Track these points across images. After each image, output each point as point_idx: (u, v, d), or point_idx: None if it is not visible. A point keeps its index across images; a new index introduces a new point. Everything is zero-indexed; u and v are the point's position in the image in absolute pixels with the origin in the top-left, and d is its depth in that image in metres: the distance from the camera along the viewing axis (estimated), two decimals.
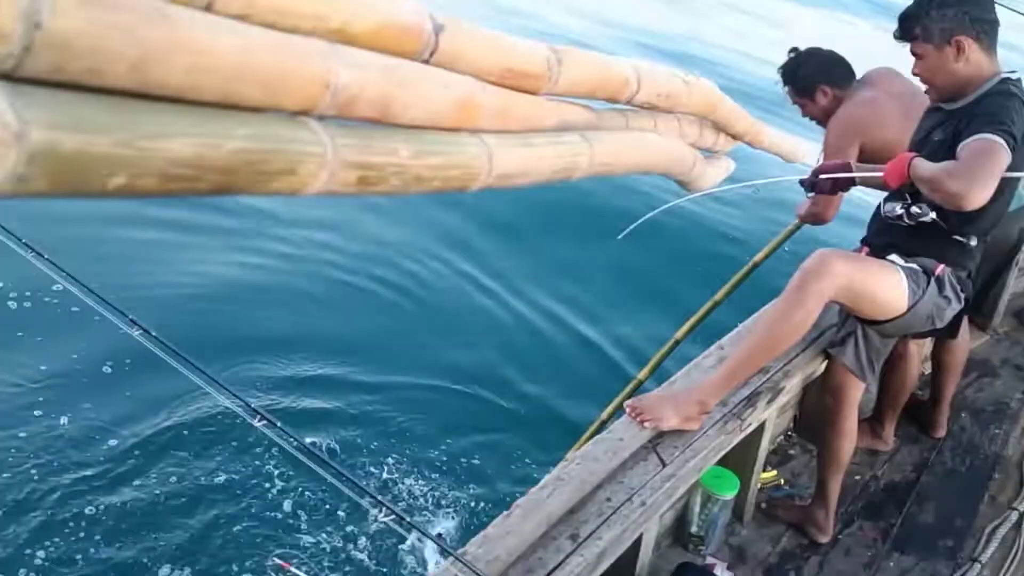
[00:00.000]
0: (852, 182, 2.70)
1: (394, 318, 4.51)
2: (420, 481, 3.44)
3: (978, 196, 2.16)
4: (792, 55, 3.30)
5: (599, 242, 5.56)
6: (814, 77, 3.18)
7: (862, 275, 2.42)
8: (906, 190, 2.47)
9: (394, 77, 0.65)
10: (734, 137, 1.73)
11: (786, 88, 3.33)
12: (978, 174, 2.17)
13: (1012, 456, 3.47)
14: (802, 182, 2.79)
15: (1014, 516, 3.11)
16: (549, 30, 10.14)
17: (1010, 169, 2.29)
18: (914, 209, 2.45)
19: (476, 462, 3.63)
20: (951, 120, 2.48)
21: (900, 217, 2.49)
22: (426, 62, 0.74)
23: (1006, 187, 2.45)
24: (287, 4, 0.57)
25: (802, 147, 2.09)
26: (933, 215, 2.44)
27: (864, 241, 2.79)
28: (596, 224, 5.84)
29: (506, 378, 4.24)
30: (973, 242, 2.53)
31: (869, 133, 3.15)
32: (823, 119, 3.24)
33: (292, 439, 1.69)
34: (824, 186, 2.71)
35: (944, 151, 2.42)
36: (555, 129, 0.94)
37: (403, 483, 3.40)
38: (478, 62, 0.81)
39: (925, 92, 2.60)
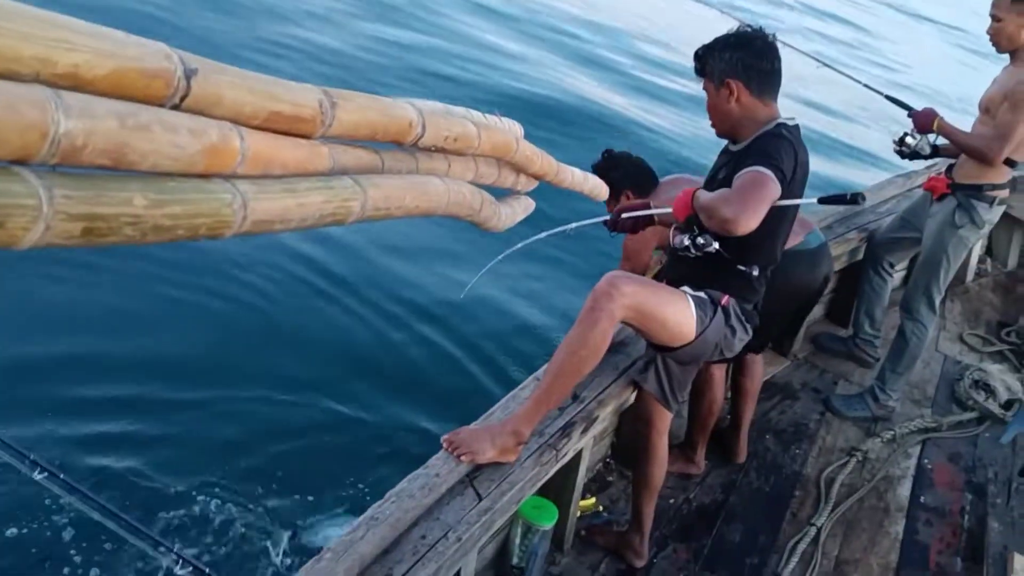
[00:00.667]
0: (651, 220, 2.86)
1: (202, 331, 4.31)
2: (231, 520, 3.30)
3: (748, 221, 2.33)
4: (604, 156, 3.46)
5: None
6: (621, 183, 3.35)
7: (650, 298, 2.54)
8: (692, 222, 2.63)
9: (131, 125, 0.63)
10: (534, 177, 1.78)
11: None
12: (748, 201, 2.36)
13: (811, 474, 3.71)
14: (606, 223, 2.94)
15: (812, 531, 3.33)
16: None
17: (784, 208, 2.51)
18: (699, 240, 2.61)
19: (297, 493, 3.53)
20: (732, 159, 2.68)
21: (687, 248, 2.64)
22: (176, 107, 0.72)
23: (782, 219, 2.65)
24: (1, 47, 0.54)
25: (603, 187, 2.18)
26: (716, 245, 2.60)
27: (659, 275, 2.95)
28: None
29: (344, 400, 4.16)
30: (755, 272, 2.70)
31: (663, 236, 3.35)
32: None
33: (77, 491, 1.59)
34: (626, 225, 2.89)
35: (726, 187, 2.62)
36: (328, 173, 0.94)
37: (213, 522, 3.25)
38: (238, 107, 0.80)
39: (711, 126, 2.79)
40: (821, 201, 2.59)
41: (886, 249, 4.39)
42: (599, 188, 2.19)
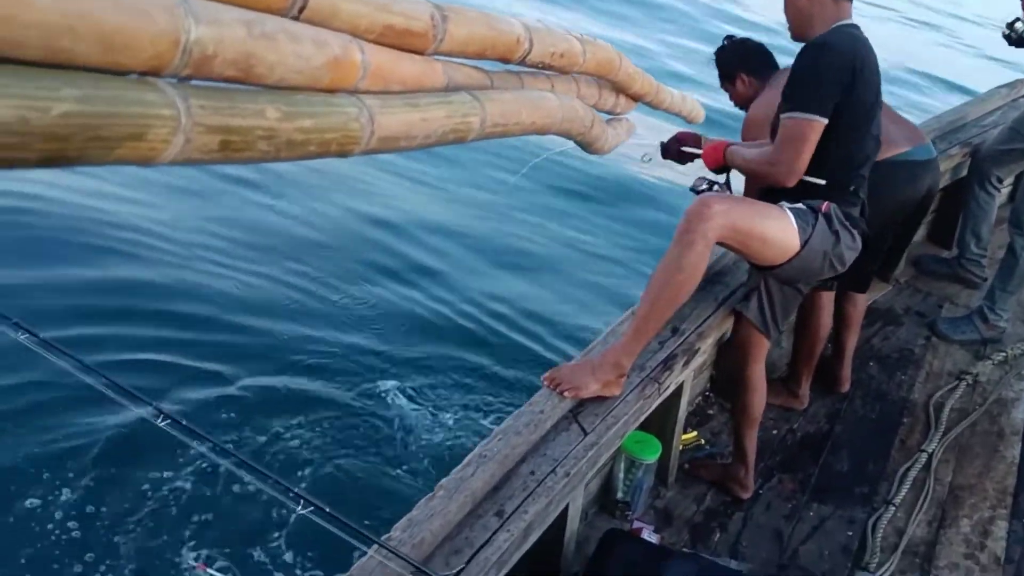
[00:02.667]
0: (692, 157, 2.88)
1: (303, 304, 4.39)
2: (338, 469, 3.37)
3: (795, 177, 2.45)
4: (724, 42, 3.40)
5: None
6: (734, 65, 3.30)
7: (746, 213, 2.46)
8: (722, 171, 2.72)
9: (257, 33, 0.59)
10: (634, 98, 1.71)
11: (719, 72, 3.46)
12: (790, 159, 2.43)
13: (919, 400, 3.59)
14: (662, 143, 2.95)
15: (923, 457, 3.22)
16: None
17: (849, 112, 2.47)
18: (716, 188, 2.63)
19: (396, 445, 3.58)
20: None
21: (702, 193, 2.68)
22: (295, 19, 0.69)
23: (851, 135, 2.56)
24: None
25: (700, 109, 2.10)
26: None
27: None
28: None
29: (434, 352, 4.20)
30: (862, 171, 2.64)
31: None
32: (744, 105, 3.32)
33: (199, 436, 1.62)
34: (672, 152, 2.91)
35: (778, 108, 2.58)
36: (444, 90, 0.90)
37: (320, 472, 3.33)
38: (354, 20, 0.76)
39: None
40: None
41: (993, 162, 4.16)
42: (696, 110, 2.12)
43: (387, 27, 0.82)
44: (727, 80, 3.36)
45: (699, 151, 2.84)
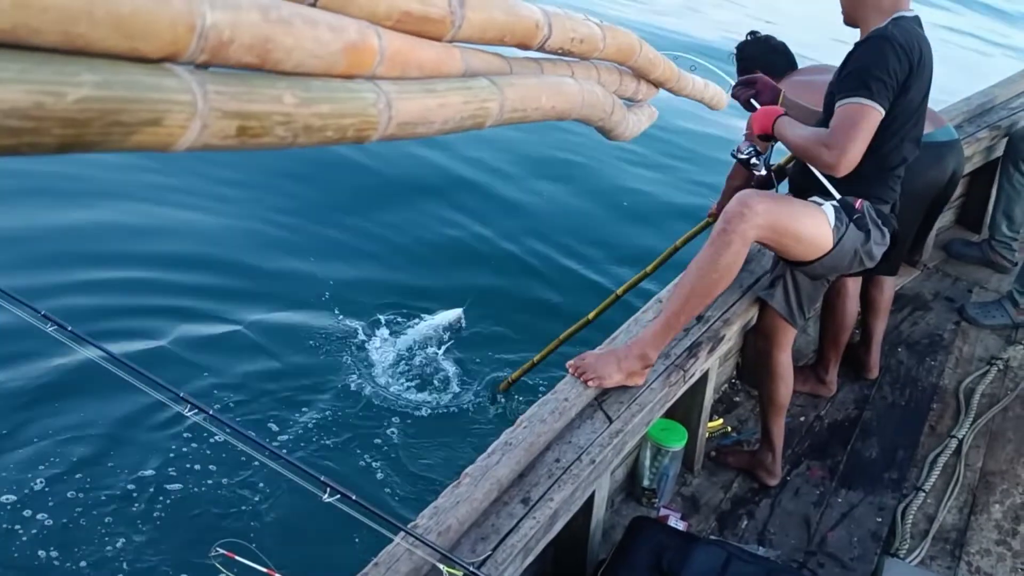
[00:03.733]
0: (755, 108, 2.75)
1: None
2: (365, 457, 3.39)
3: (848, 164, 2.34)
4: (747, 37, 3.38)
5: None
6: (755, 62, 3.28)
7: (784, 214, 2.44)
8: (764, 139, 2.61)
9: (273, 18, 0.60)
10: (655, 84, 1.69)
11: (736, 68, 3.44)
12: (847, 144, 2.33)
13: (948, 385, 3.55)
14: (736, 84, 2.84)
15: (953, 443, 3.19)
16: None
17: (899, 111, 2.44)
18: (754, 160, 2.56)
19: (424, 433, 3.60)
20: (846, 59, 2.53)
21: (742, 162, 2.60)
22: (312, 5, 0.69)
23: (894, 136, 2.52)
24: None
25: (724, 95, 2.07)
26: (765, 172, 2.53)
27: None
28: None
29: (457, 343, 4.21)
30: (888, 172, 2.59)
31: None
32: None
33: (224, 424, 1.63)
34: (739, 96, 2.80)
35: (831, 94, 2.54)
36: (461, 76, 0.89)
37: (347, 460, 3.35)
38: (371, 6, 0.76)
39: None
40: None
41: None
42: (719, 96, 2.08)
43: (404, 13, 0.81)
44: (744, 75, 3.33)
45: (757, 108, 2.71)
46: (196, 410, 1.65)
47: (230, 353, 3.78)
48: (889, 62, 2.36)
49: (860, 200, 2.52)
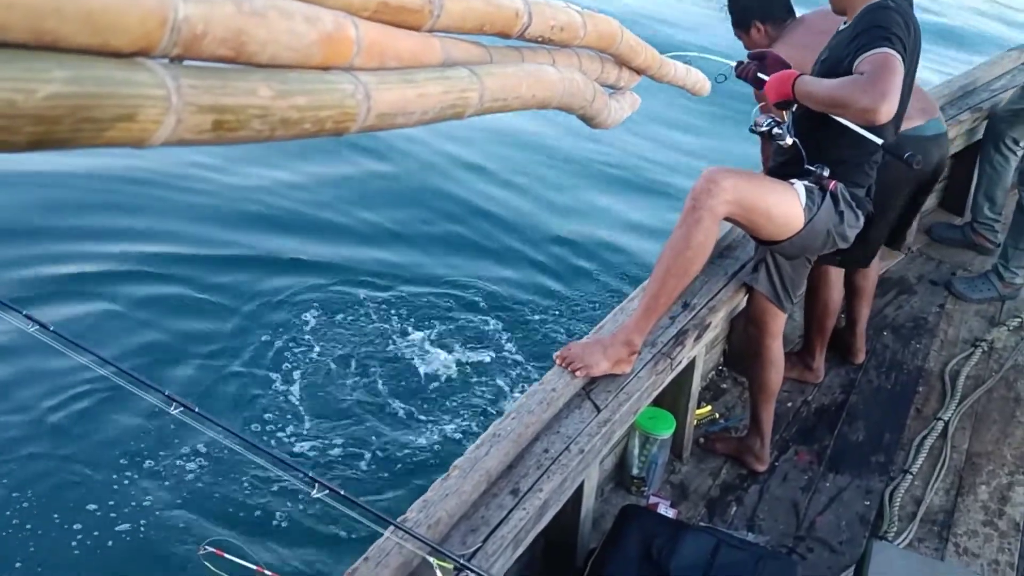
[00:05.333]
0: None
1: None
2: (352, 451, 3.39)
3: (889, 108, 2.18)
4: None
5: None
6: (751, 11, 3.16)
7: (753, 190, 2.42)
8: (783, 107, 2.50)
9: (247, 10, 0.59)
10: (638, 71, 1.69)
11: (731, 18, 3.31)
12: (885, 86, 2.18)
13: (934, 368, 3.57)
14: (739, 62, 2.72)
15: (939, 426, 3.21)
16: None
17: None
18: (776, 130, 2.48)
19: (410, 426, 3.59)
20: (838, 38, 2.51)
21: (763, 135, 2.52)
22: None
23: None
24: None
25: (706, 81, 2.07)
26: (790, 141, 2.47)
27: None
28: None
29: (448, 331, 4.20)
30: (864, 156, 2.55)
31: None
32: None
33: (211, 421, 1.63)
34: (749, 72, 2.65)
35: (825, 69, 2.49)
36: (441, 66, 0.89)
37: (334, 454, 3.34)
38: None
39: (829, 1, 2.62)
40: (883, 148, 2.42)
41: (1008, 124, 4.12)
42: (702, 83, 2.08)
43: (382, 3, 0.81)
44: (741, 28, 3.21)
45: (764, 76, 2.55)
46: (182, 408, 1.64)
47: (210, 343, 3.77)
48: (898, 25, 2.33)
49: (834, 181, 2.52)
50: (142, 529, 2.88)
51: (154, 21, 0.51)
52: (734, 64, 2.66)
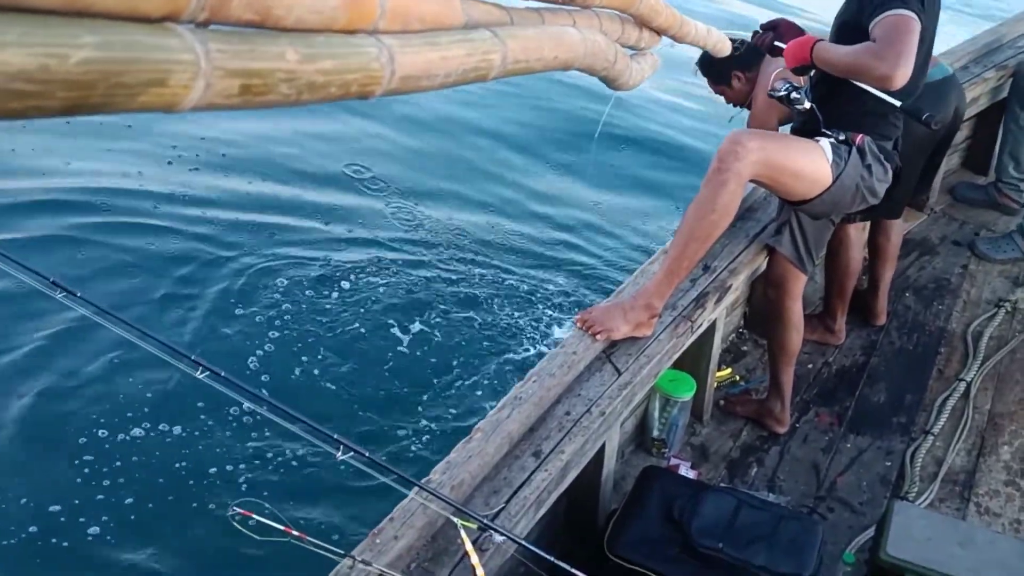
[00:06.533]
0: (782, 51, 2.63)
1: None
2: (376, 415, 3.42)
3: (904, 73, 2.18)
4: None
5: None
6: (727, 65, 3.12)
7: (779, 150, 2.42)
8: (800, 72, 2.48)
9: None
10: (657, 32, 1.67)
11: (705, 79, 3.29)
12: (900, 51, 2.18)
13: (956, 329, 3.55)
14: (755, 31, 2.70)
15: (961, 387, 3.20)
16: None
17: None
18: (794, 95, 2.46)
19: (435, 391, 3.62)
20: (851, 2, 2.47)
21: (781, 99, 2.50)
22: None
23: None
24: None
25: (727, 42, 2.04)
26: (808, 104, 2.45)
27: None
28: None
29: (470, 306, 4.21)
30: (890, 107, 2.53)
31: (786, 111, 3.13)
32: (743, 102, 3.22)
33: (237, 385, 1.65)
34: (765, 42, 2.64)
35: (843, 29, 2.45)
36: (463, 28, 0.88)
37: (359, 417, 3.38)
38: None
39: None
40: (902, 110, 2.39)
41: None
42: (723, 43, 2.05)
43: None
44: (721, 83, 3.22)
45: (781, 44, 2.56)
46: (209, 372, 1.66)
47: (236, 307, 3.81)
48: None
49: (860, 136, 2.50)
50: (168, 490, 2.93)
51: None
52: (750, 35, 2.66)
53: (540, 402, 2.15)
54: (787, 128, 2.84)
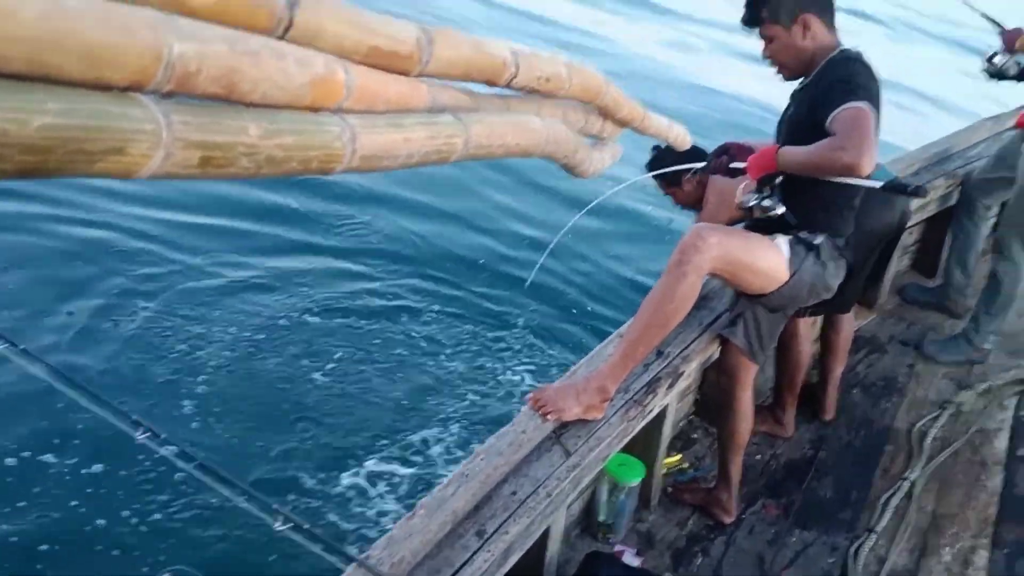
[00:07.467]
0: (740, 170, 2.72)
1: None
2: (321, 484, 3.36)
3: (870, 159, 2.24)
4: (655, 151, 3.32)
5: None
6: (680, 173, 3.22)
7: (739, 246, 2.48)
8: (765, 182, 2.55)
9: (241, 50, 0.60)
10: (620, 124, 1.72)
11: (656, 181, 3.39)
12: (861, 140, 2.25)
13: (902, 428, 3.60)
14: (712, 155, 2.77)
15: (905, 486, 3.23)
16: None
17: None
18: (766, 202, 2.53)
19: (382, 460, 3.57)
20: (802, 94, 2.58)
21: (751, 209, 2.57)
22: (280, 39, 0.70)
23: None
24: None
25: (687, 135, 2.11)
26: (781, 210, 2.52)
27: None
28: None
29: (414, 372, 4.18)
30: (853, 203, 2.61)
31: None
32: (693, 202, 3.32)
33: (174, 446, 1.61)
34: (720, 167, 2.71)
35: (796, 127, 2.54)
36: (428, 111, 0.91)
37: (302, 487, 3.31)
38: (340, 40, 0.77)
39: (777, 73, 2.67)
40: (885, 189, 2.47)
41: (981, 191, 4.22)
42: (683, 136, 2.12)
43: (372, 48, 0.83)
44: (673, 185, 3.33)
45: (741, 164, 2.62)
46: (149, 433, 1.62)
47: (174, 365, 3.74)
48: (862, 76, 2.40)
49: (817, 233, 2.57)
50: (97, 557, 2.82)
51: (150, 57, 0.52)
52: (702, 165, 2.77)
53: (486, 480, 2.13)
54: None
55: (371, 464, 3.50)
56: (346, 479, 3.38)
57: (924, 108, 11.95)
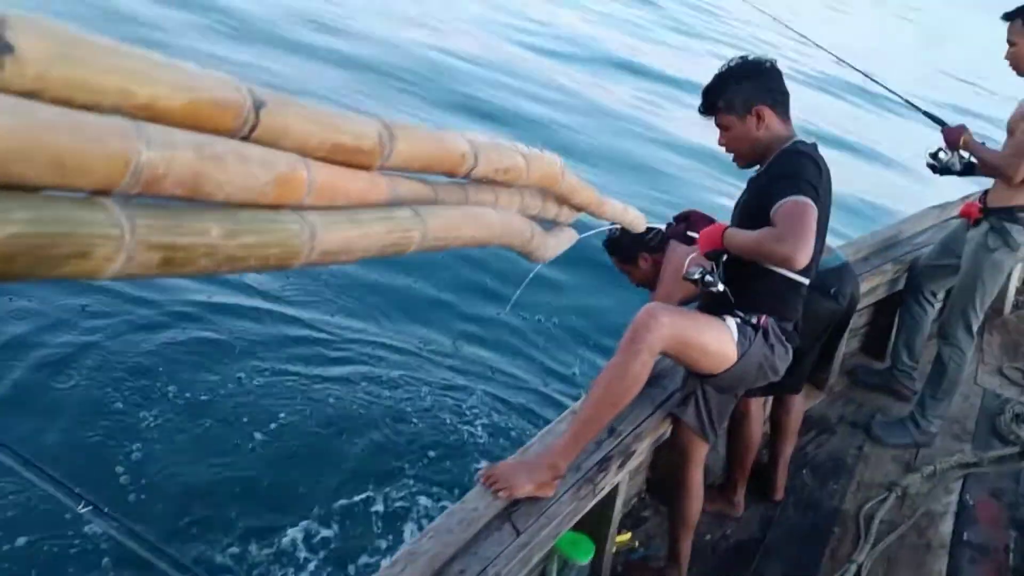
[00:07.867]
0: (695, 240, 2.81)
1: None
2: (262, 554, 3.29)
3: (806, 254, 2.34)
4: (612, 233, 3.42)
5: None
6: (635, 249, 3.36)
7: (690, 326, 2.54)
8: (712, 257, 2.64)
9: (207, 155, 0.63)
10: (576, 208, 1.77)
11: (612, 259, 3.50)
12: (799, 234, 2.35)
13: (849, 510, 3.64)
14: (669, 224, 2.89)
15: (853, 568, 3.25)
16: None
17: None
18: (708, 278, 2.61)
19: (336, 523, 3.52)
20: (755, 182, 2.68)
21: (696, 282, 2.64)
22: (245, 139, 0.72)
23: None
24: (86, 79, 0.55)
25: (642, 219, 2.16)
26: (721, 287, 2.60)
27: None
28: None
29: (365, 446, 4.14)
30: (792, 290, 2.69)
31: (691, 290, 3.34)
32: (648, 282, 3.42)
33: (119, 522, 1.59)
34: (678, 232, 2.82)
35: (745, 213, 2.63)
36: (387, 204, 0.94)
37: (244, 558, 3.24)
38: (303, 139, 0.80)
39: (732, 160, 2.78)
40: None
41: (928, 277, 4.35)
42: (639, 220, 2.17)
43: (335, 145, 0.86)
44: (628, 262, 3.43)
45: (694, 234, 2.76)
46: (91, 506, 1.60)
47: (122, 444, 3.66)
48: (810, 171, 2.50)
49: (764, 316, 2.64)
50: None
51: (118, 163, 0.55)
52: (664, 226, 2.86)
53: (434, 560, 2.11)
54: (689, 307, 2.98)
55: (311, 527, 3.45)
56: (286, 542, 3.32)
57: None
